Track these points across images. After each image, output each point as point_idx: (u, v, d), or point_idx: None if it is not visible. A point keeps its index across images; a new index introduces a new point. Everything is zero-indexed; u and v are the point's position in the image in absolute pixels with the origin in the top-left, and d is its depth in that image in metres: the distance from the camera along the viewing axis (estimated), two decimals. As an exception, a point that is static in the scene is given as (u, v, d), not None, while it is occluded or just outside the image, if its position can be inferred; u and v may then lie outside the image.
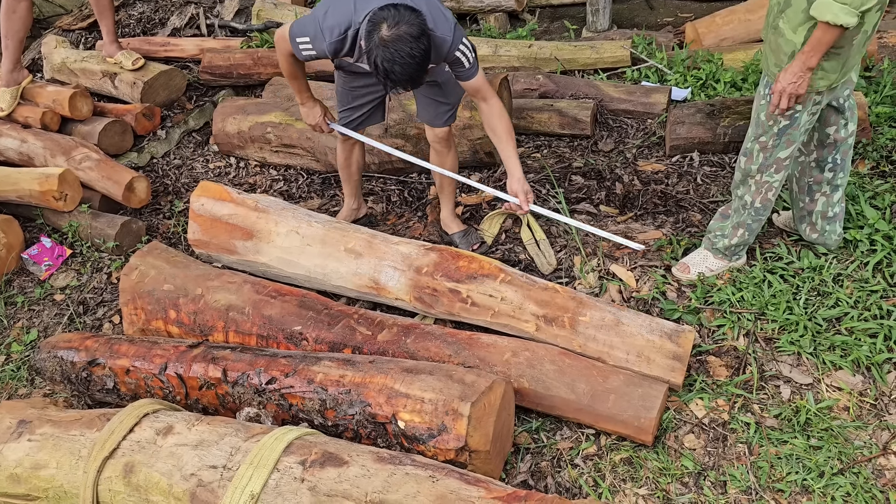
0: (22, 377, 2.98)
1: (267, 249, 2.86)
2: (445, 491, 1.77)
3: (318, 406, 2.20)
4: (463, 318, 2.59)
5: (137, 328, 2.77)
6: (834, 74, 2.27)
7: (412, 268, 2.64)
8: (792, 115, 2.36)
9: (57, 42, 4.75)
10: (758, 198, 2.57)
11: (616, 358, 2.38)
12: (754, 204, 2.59)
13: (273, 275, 2.89)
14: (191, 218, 2.99)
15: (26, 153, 3.77)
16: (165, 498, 1.98)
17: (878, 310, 2.52)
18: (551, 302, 2.49)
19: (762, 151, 2.48)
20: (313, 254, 2.79)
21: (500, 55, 4.37)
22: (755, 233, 2.68)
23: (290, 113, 3.73)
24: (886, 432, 2.23)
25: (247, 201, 2.94)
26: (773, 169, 2.50)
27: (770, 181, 2.53)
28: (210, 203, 2.96)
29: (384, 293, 2.70)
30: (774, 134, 2.42)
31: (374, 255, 2.71)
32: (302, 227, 2.82)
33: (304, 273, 2.82)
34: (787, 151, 2.45)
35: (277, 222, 2.86)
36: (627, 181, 3.31)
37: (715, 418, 2.33)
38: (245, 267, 2.95)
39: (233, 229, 2.91)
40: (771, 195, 2.57)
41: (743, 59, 3.91)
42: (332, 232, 2.80)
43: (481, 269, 2.59)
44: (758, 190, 2.56)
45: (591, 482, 2.22)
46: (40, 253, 3.48)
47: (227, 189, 3.00)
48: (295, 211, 2.90)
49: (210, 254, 3.00)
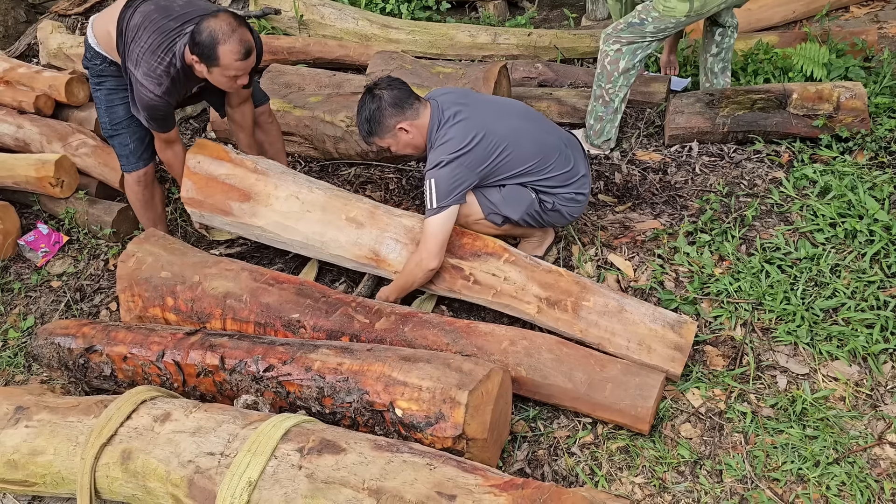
0: (19, 364, 2.97)
1: (264, 213, 2.79)
2: (443, 478, 1.78)
3: (315, 394, 2.20)
4: (464, 296, 2.57)
5: (135, 315, 2.76)
6: None
7: (415, 241, 2.60)
8: (643, 16, 3.10)
9: (53, 27, 4.72)
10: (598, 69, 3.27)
11: (617, 345, 2.38)
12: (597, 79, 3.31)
13: (268, 239, 2.82)
14: (185, 175, 2.89)
15: (22, 139, 3.75)
16: (163, 484, 1.98)
17: (875, 300, 2.53)
18: (555, 285, 2.48)
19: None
20: (312, 220, 2.73)
21: (500, 43, 4.35)
22: (610, 121, 3.35)
23: (287, 100, 3.71)
24: (882, 422, 2.24)
25: (245, 162, 2.87)
26: (611, 41, 3.17)
27: (606, 50, 3.19)
28: (207, 161, 2.88)
29: (384, 265, 2.66)
30: (622, 25, 3.16)
31: (376, 226, 2.67)
32: (302, 193, 2.76)
33: (301, 239, 2.76)
34: (627, 36, 3.15)
35: (277, 186, 2.79)
36: (626, 170, 3.30)
37: (711, 408, 2.33)
38: (239, 230, 2.88)
39: (229, 189, 2.83)
40: (607, 62, 3.21)
41: (742, 48, 3.90)
42: (334, 199, 2.75)
43: (485, 248, 2.57)
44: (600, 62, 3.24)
45: (587, 470, 2.23)
46: (37, 239, 3.47)
47: (226, 148, 2.93)
48: (295, 176, 2.84)
49: (203, 213, 2.91)
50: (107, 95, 2.90)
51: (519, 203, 2.63)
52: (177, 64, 2.62)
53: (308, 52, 4.41)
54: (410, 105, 2.54)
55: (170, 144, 2.90)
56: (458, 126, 2.50)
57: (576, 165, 2.68)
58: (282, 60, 4.39)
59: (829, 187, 2.96)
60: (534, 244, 2.86)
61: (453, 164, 2.47)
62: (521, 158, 2.58)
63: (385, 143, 2.60)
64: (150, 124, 2.77)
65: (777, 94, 3.27)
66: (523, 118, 2.66)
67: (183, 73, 2.65)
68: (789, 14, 4.37)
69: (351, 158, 3.62)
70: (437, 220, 2.49)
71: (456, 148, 2.47)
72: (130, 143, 2.96)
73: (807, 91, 3.22)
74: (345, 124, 3.51)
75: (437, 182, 2.46)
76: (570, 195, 2.68)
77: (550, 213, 2.69)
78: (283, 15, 4.73)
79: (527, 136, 2.60)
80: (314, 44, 4.44)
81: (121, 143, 2.97)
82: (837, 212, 2.84)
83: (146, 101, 2.65)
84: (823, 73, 3.54)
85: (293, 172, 2.88)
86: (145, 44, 2.61)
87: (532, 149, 2.60)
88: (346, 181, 3.56)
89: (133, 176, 3.03)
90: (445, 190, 2.47)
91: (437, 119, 2.54)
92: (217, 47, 2.49)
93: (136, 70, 2.63)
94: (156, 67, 2.60)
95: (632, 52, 3.14)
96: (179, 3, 2.70)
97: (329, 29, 4.65)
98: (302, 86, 3.95)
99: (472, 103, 2.60)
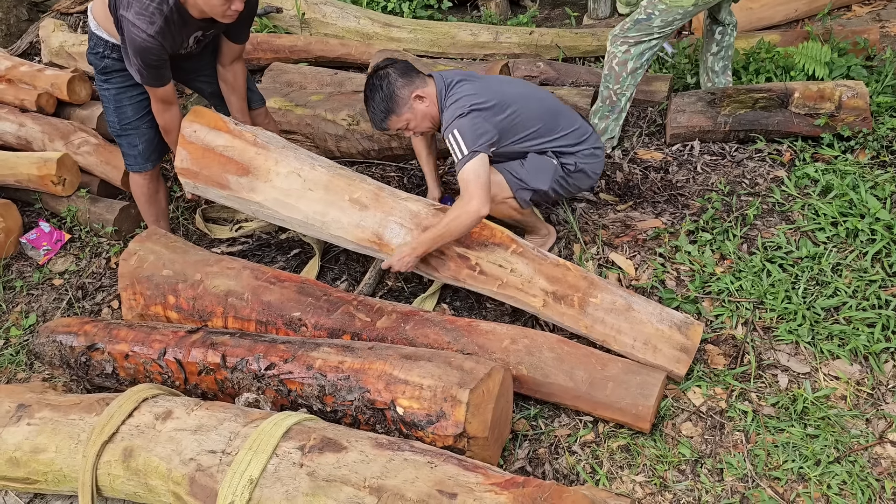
0: (21, 361, 2.98)
1: (263, 188, 2.68)
2: (444, 477, 1.78)
3: (316, 392, 2.20)
4: (469, 286, 2.54)
5: (136, 313, 2.77)
6: None
7: (420, 227, 2.56)
8: (650, 11, 3.08)
9: (55, 25, 4.72)
10: (605, 69, 3.29)
11: (622, 343, 2.38)
12: (605, 79, 3.29)
13: (266, 216, 2.75)
14: (180, 144, 2.77)
15: (24, 137, 3.75)
16: (164, 482, 1.99)
17: (876, 299, 2.53)
18: (562, 279, 2.47)
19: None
20: (314, 199, 2.64)
21: (501, 42, 4.34)
22: (615, 119, 3.37)
23: (289, 98, 3.71)
24: (883, 421, 2.24)
25: (245, 134, 2.75)
26: (619, 42, 3.19)
27: (615, 52, 3.21)
28: (203, 131, 2.75)
29: (386, 249, 2.61)
30: (630, 25, 3.17)
31: (381, 209, 2.61)
32: (304, 170, 2.67)
33: (300, 218, 2.67)
34: (635, 34, 3.14)
35: (278, 161, 2.69)
36: (627, 169, 3.30)
37: (712, 406, 2.33)
38: (236, 204, 2.80)
39: (227, 162, 2.72)
40: (614, 63, 3.23)
41: (745, 47, 3.89)
42: (337, 179, 2.67)
43: (493, 238, 2.55)
44: (608, 64, 3.25)
45: (588, 469, 2.23)
46: (39, 237, 3.47)
47: (224, 118, 2.81)
48: (297, 151, 2.74)
49: (197, 185, 2.80)
50: (115, 95, 2.86)
51: (544, 172, 2.67)
52: (170, 1, 2.50)
53: (310, 50, 4.41)
54: (417, 75, 2.61)
55: (167, 106, 2.77)
56: (467, 86, 2.55)
57: (582, 124, 2.78)
58: (283, 59, 4.40)
59: (830, 186, 2.96)
60: (537, 244, 2.87)
61: (472, 114, 2.47)
62: (531, 118, 2.64)
63: (403, 119, 2.60)
64: (144, 75, 2.63)
65: (779, 93, 3.27)
66: (524, 86, 2.81)
67: (178, 14, 2.54)
68: (791, 13, 4.36)
69: (353, 157, 3.62)
70: (471, 165, 2.40)
71: (470, 103, 2.49)
72: (140, 145, 2.94)
73: (808, 90, 3.22)
74: (346, 123, 3.51)
75: (460, 131, 2.43)
76: (587, 151, 2.73)
77: (575, 174, 2.73)
78: (285, 13, 4.73)
79: (532, 98, 2.70)
80: (316, 42, 4.44)
81: (129, 144, 2.95)
82: (839, 211, 2.83)
83: (138, 42, 2.52)
84: (825, 72, 3.53)
85: (295, 147, 2.77)
86: None
87: (539, 109, 2.67)
88: (347, 180, 3.56)
89: (140, 175, 3.02)
90: (471, 137, 2.42)
91: (443, 86, 2.58)
92: None
93: (127, 12, 2.51)
94: (148, 5, 2.49)
95: (639, 52, 3.15)
96: None
97: (331, 27, 4.65)
98: (303, 84, 3.95)
99: (474, 76, 2.66)
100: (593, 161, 2.76)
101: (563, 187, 2.74)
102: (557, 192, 2.74)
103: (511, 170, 2.66)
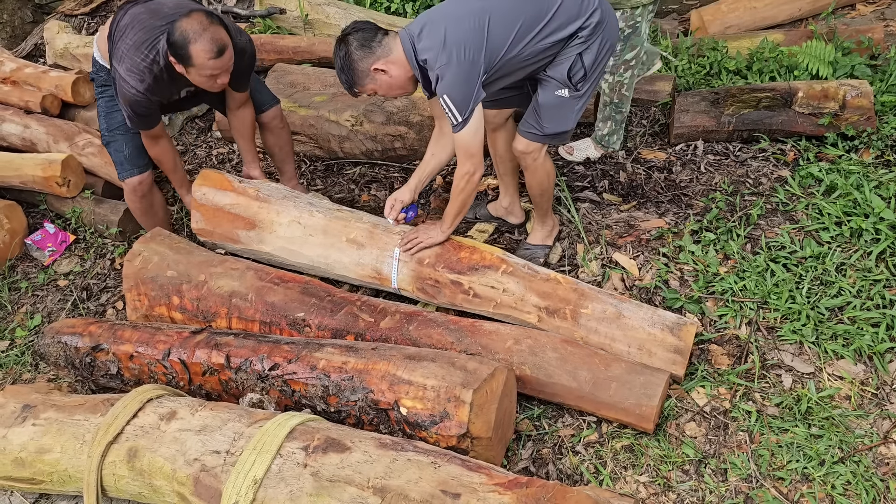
0: (26, 362, 2.99)
1: (270, 239, 2.86)
2: (447, 477, 1.78)
3: (320, 392, 2.21)
4: (466, 309, 2.60)
5: (141, 314, 2.78)
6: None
7: (414, 259, 2.64)
8: (633, 24, 2.99)
9: (59, 27, 4.74)
10: (614, 95, 3.22)
11: (618, 350, 2.38)
12: (613, 100, 3.24)
13: (278, 263, 2.90)
14: (193, 207, 3.00)
15: (29, 139, 3.77)
16: (169, 482, 1.99)
17: (880, 299, 2.52)
18: (553, 294, 2.49)
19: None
20: (315, 244, 2.79)
21: (504, 42, 4.34)
22: (620, 123, 3.32)
23: (293, 100, 3.72)
24: (887, 421, 2.24)
25: (248, 190, 2.93)
26: (622, 69, 3.14)
27: (621, 80, 3.17)
28: (211, 192, 2.96)
29: (387, 283, 2.71)
30: (621, 40, 3.01)
31: (376, 245, 2.71)
32: (304, 217, 2.82)
33: (307, 262, 2.83)
34: (631, 54, 3.11)
35: (279, 212, 2.85)
36: (631, 169, 3.30)
37: (716, 406, 2.33)
38: (250, 255, 2.96)
39: (235, 219, 2.91)
40: (624, 90, 3.20)
41: (748, 46, 3.88)
42: (334, 222, 2.79)
43: (483, 260, 2.58)
44: (612, 88, 3.20)
45: (592, 469, 2.23)
46: (44, 238, 3.48)
47: (228, 177, 2.99)
48: (296, 200, 2.90)
49: (214, 242, 3.01)
50: (107, 103, 2.95)
51: (562, 110, 2.53)
52: (160, 62, 2.62)
53: (313, 51, 4.41)
54: (379, 42, 2.39)
55: (155, 140, 2.91)
56: (429, 31, 2.36)
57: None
58: (287, 60, 4.40)
59: (834, 186, 2.95)
60: (546, 231, 2.93)
61: (453, 68, 2.33)
62: (510, 18, 2.38)
63: (368, 89, 2.48)
64: (133, 121, 2.77)
65: (782, 93, 3.26)
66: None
67: (167, 73, 2.65)
68: (795, 12, 4.35)
69: (356, 157, 3.62)
70: (467, 130, 2.39)
71: (446, 56, 2.32)
72: (125, 150, 2.98)
73: (812, 89, 3.21)
74: (350, 123, 3.52)
75: (449, 96, 2.35)
76: (592, 24, 2.45)
77: (597, 66, 2.51)
78: (289, 14, 4.74)
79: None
80: (319, 43, 4.44)
81: (116, 150, 3.00)
82: (843, 210, 2.83)
83: (128, 96, 2.66)
84: (829, 72, 3.52)
85: (294, 196, 2.92)
86: (130, 41, 2.63)
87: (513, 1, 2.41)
88: (351, 180, 3.57)
89: (129, 184, 3.04)
90: (461, 100, 2.35)
91: (409, 42, 2.39)
92: (189, 46, 2.47)
93: (119, 66, 2.64)
94: (139, 63, 2.61)
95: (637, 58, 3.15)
96: (169, 5, 2.71)
97: (334, 28, 4.65)
98: (307, 85, 3.95)
99: (435, 9, 2.47)
100: (609, 29, 2.47)
101: (591, 90, 2.55)
102: (588, 98, 2.56)
103: (532, 129, 2.57)
